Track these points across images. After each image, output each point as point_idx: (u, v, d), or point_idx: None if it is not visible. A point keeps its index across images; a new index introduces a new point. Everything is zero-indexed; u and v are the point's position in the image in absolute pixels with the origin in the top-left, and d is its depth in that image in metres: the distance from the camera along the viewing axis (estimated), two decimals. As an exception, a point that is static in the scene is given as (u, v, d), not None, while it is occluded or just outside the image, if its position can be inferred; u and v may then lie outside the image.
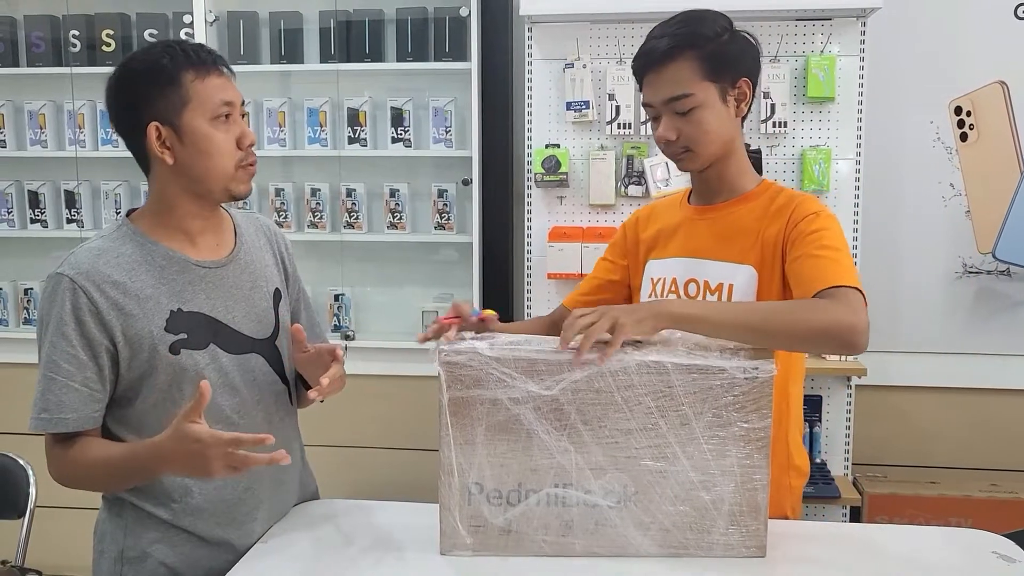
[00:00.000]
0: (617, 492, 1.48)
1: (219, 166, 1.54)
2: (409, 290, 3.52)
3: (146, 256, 1.54)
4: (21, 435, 3.36)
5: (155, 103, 1.51)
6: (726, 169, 1.73)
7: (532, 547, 1.51)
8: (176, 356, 1.52)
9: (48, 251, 3.66)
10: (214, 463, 1.34)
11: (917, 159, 3.22)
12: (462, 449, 1.49)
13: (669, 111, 1.66)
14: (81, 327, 1.48)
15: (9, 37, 3.48)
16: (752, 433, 1.45)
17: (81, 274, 1.48)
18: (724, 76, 1.65)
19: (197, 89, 1.51)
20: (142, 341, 1.50)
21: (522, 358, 1.45)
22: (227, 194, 1.58)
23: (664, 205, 1.91)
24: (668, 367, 1.43)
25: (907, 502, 3.09)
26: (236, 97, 1.57)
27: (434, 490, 1.51)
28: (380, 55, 3.33)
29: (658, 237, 1.83)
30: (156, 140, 1.52)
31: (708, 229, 1.75)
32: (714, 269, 1.72)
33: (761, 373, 1.43)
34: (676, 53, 1.63)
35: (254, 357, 1.64)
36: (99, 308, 1.48)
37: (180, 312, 1.54)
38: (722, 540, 1.48)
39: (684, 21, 1.67)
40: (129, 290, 1.51)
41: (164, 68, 1.51)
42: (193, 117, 1.51)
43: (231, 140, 1.55)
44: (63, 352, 1.48)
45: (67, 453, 1.51)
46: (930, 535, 1.67)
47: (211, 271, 1.60)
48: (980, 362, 3.25)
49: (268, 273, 1.70)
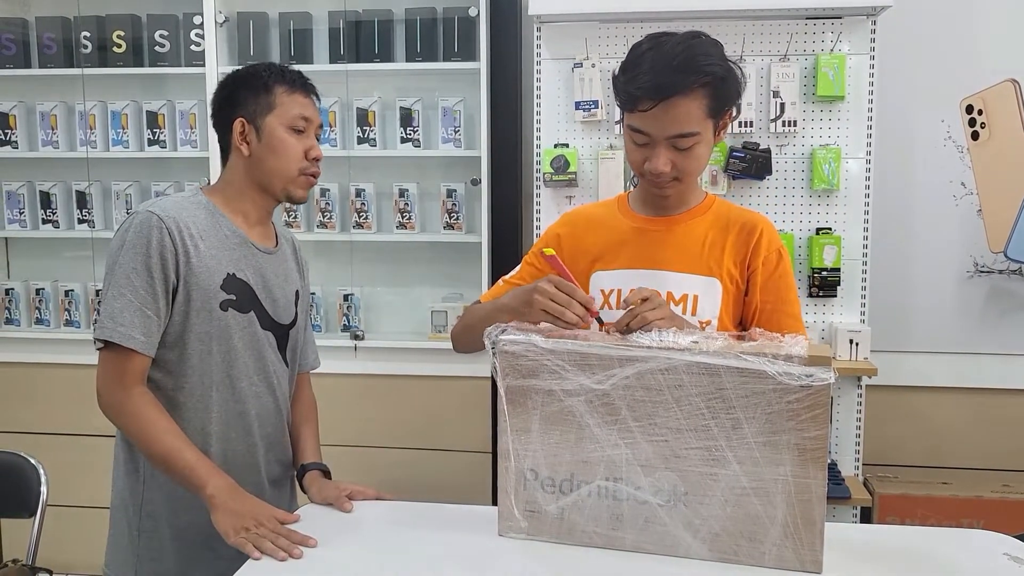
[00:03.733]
0: (667, 491, 1.48)
1: (284, 167, 1.77)
2: (418, 290, 3.53)
3: (214, 224, 1.75)
4: (33, 434, 3.38)
5: (246, 103, 1.76)
6: (688, 188, 1.75)
7: (583, 537, 1.54)
8: (224, 312, 1.72)
9: (59, 251, 3.68)
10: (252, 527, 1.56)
11: (928, 158, 3.21)
12: (518, 436, 1.54)
13: (668, 144, 1.63)
14: (163, 262, 1.65)
15: (21, 39, 3.50)
16: (807, 442, 1.40)
17: (169, 217, 1.67)
18: (721, 112, 1.65)
19: (284, 100, 1.76)
20: (200, 291, 1.69)
21: (575, 351, 1.48)
22: (285, 194, 1.80)
23: (599, 212, 1.87)
24: (719, 369, 1.42)
25: (918, 503, 3.08)
26: (315, 118, 1.81)
27: (443, 489, 1.52)
28: (389, 55, 3.34)
29: (604, 247, 1.79)
30: (239, 133, 1.76)
31: (664, 240, 1.75)
32: (675, 280, 1.72)
33: (816, 381, 1.38)
34: (689, 91, 1.58)
35: (272, 336, 1.83)
36: (177, 250, 1.66)
37: (234, 277, 1.75)
38: (775, 551, 1.45)
39: (690, 53, 1.59)
40: (199, 244, 1.70)
41: (261, 77, 1.77)
42: (274, 121, 1.76)
43: (300, 149, 1.77)
44: (143, 279, 1.65)
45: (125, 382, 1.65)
46: (941, 536, 1.66)
47: (261, 254, 1.82)
48: (992, 362, 3.24)
49: (292, 275, 1.92)
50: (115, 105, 3.46)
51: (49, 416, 3.32)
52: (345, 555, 1.55)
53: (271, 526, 1.58)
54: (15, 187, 3.56)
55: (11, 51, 3.49)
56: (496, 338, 1.52)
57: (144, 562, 1.74)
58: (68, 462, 2.64)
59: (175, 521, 1.73)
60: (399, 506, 1.76)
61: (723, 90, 1.62)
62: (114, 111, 3.46)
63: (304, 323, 1.97)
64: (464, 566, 1.50)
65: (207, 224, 1.74)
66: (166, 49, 3.41)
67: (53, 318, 3.56)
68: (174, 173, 3.53)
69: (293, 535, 1.57)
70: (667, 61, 1.58)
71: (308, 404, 2.01)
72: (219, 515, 1.59)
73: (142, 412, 1.65)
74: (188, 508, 1.70)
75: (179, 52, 3.41)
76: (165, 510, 1.73)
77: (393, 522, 1.68)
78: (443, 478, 3.21)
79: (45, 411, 3.35)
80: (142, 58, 3.45)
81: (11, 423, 3.45)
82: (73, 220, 3.57)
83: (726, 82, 1.62)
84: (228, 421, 1.75)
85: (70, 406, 3.30)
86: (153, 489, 1.73)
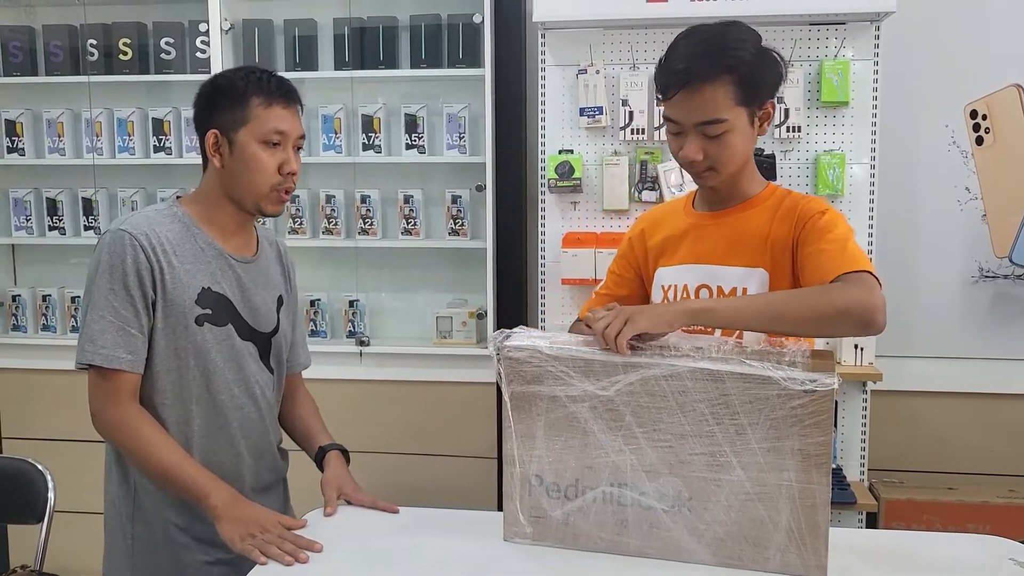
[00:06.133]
0: (671, 496, 1.49)
1: (255, 183, 1.73)
2: (423, 296, 3.53)
3: (189, 237, 1.73)
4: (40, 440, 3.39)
5: (221, 115, 1.72)
6: (739, 179, 1.73)
7: (588, 542, 1.54)
8: (199, 327, 1.71)
9: (66, 258, 3.70)
10: (258, 534, 1.57)
11: (932, 163, 3.21)
12: (523, 441, 1.54)
13: (698, 132, 1.63)
14: (139, 279, 1.65)
15: (28, 46, 3.52)
16: (811, 448, 1.41)
17: (141, 234, 1.66)
18: (754, 100, 1.63)
19: (259, 113, 1.71)
20: (175, 306, 1.68)
21: (579, 357, 1.49)
22: (256, 209, 1.76)
23: (668, 211, 1.90)
24: (723, 375, 1.42)
25: (924, 508, 3.07)
26: (293, 130, 1.75)
27: (448, 494, 1.53)
28: (394, 62, 3.35)
29: (665, 244, 1.83)
30: (211, 145, 1.73)
31: (717, 235, 1.75)
32: (726, 274, 1.72)
33: (820, 386, 1.39)
34: (713, 77, 1.58)
35: (253, 346, 1.81)
36: (152, 267, 1.66)
37: (209, 291, 1.73)
38: (779, 557, 1.45)
39: (719, 40, 1.61)
40: (173, 260, 1.69)
41: (238, 88, 1.72)
42: (247, 136, 1.71)
43: (274, 164, 1.73)
44: (122, 299, 1.64)
45: (118, 400, 1.66)
46: (947, 541, 1.66)
47: (239, 264, 1.79)
48: (997, 367, 3.24)
49: (276, 280, 1.90)
50: (121, 112, 3.47)
51: (56, 422, 3.32)
52: (350, 560, 1.55)
53: (276, 532, 1.59)
54: (22, 194, 3.58)
55: (18, 59, 3.51)
56: (500, 344, 1.53)
57: (140, 569, 1.75)
58: (75, 468, 2.64)
59: (168, 527, 1.73)
60: (404, 511, 1.76)
61: (752, 77, 1.60)
62: (120, 118, 3.48)
63: (291, 325, 1.95)
64: (469, 571, 1.51)
65: (181, 237, 1.72)
66: (172, 56, 3.43)
67: (60, 324, 3.57)
68: (179, 179, 3.54)
69: (299, 540, 1.58)
70: (695, 48, 1.61)
71: (307, 399, 2.02)
72: (224, 524, 1.60)
73: (140, 430, 1.66)
74: (180, 512, 1.72)
75: (185, 59, 3.43)
76: (157, 516, 1.73)
77: (398, 527, 1.69)
78: (448, 483, 3.21)
79: (52, 417, 3.36)
80: (148, 65, 3.47)
81: (18, 429, 3.46)
82: (79, 227, 3.58)
83: (756, 69, 1.61)
84: (210, 434, 1.75)
85: (77, 412, 3.28)
86: (144, 496, 1.73)
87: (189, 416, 1.72)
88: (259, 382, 1.82)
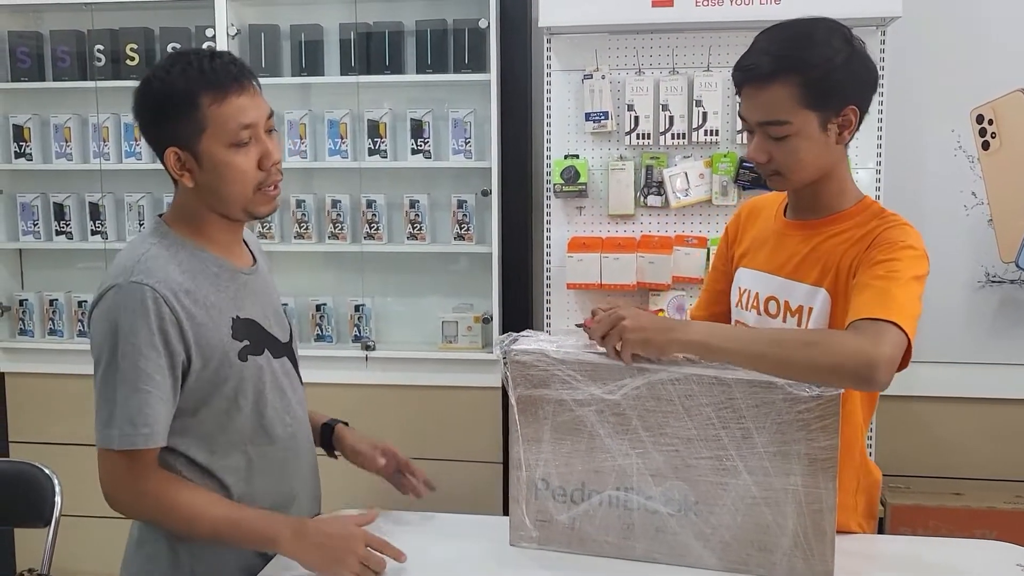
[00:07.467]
0: (677, 500, 1.49)
1: (237, 191, 1.52)
2: (429, 300, 3.54)
3: (201, 263, 1.55)
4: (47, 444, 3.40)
5: (173, 128, 1.49)
6: (822, 190, 1.64)
7: (594, 546, 1.54)
8: (244, 363, 1.55)
9: (73, 263, 3.71)
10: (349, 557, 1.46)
11: (938, 168, 3.21)
12: (529, 445, 1.54)
13: (762, 132, 1.57)
14: (165, 337, 1.45)
15: (35, 52, 3.53)
16: (818, 452, 1.40)
17: (160, 283, 1.46)
18: (827, 105, 1.54)
19: (214, 114, 1.47)
20: (214, 350, 1.51)
21: (586, 361, 1.49)
22: (247, 215, 1.58)
23: (765, 206, 1.81)
24: (729, 379, 1.42)
25: (930, 514, 3.06)
26: (259, 116, 1.52)
27: (455, 499, 1.53)
28: (400, 67, 3.36)
29: (751, 244, 1.77)
30: (175, 164, 1.51)
31: (796, 247, 1.67)
32: (795, 289, 1.65)
33: (826, 391, 1.39)
34: (777, 76, 1.52)
35: (286, 360, 1.68)
36: (179, 319, 1.46)
37: (239, 319, 1.56)
38: (785, 561, 1.45)
39: (793, 38, 1.55)
40: (198, 298, 1.50)
41: (180, 93, 1.47)
42: (211, 143, 1.48)
43: (251, 162, 1.51)
44: (154, 364, 1.44)
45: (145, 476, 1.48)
46: (953, 547, 1.66)
47: (250, 278, 1.63)
48: (1004, 372, 3.23)
49: (272, 280, 1.75)
50: (128, 117, 3.48)
51: (63, 426, 3.33)
52: (357, 565, 1.55)
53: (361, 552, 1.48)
54: (29, 199, 3.59)
55: (26, 64, 3.52)
56: (507, 347, 1.53)
57: None
58: (82, 472, 2.63)
59: None
60: (410, 515, 1.76)
61: (826, 80, 1.52)
62: (127, 123, 3.49)
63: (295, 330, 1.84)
64: (476, 575, 1.51)
65: (195, 267, 1.53)
66: (179, 62, 3.43)
67: (67, 329, 3.58)
68: (186, 184, 3.55)
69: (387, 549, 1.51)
70: (767, 45, 1.56)
71: None
72: (304, 555, 1.49)
73: (177, 496, 1.49)
74: None
75: (192, 65, 3.43)
76: None
77: (405, 531, 1.69)
78: (454, 488, 3.20)
79: (59, 421, 3.37)
80: (155, 71, 3.47)
81: (25, 433, 3.47)
82: (87, 231, 3.59)
83: (831, 72, 1.52)
84: (270, 471, 1.61)
85: (84, 416, 3.28)
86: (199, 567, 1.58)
87: (245, 461, 1.57)
88: (299, 399, 1.69)
